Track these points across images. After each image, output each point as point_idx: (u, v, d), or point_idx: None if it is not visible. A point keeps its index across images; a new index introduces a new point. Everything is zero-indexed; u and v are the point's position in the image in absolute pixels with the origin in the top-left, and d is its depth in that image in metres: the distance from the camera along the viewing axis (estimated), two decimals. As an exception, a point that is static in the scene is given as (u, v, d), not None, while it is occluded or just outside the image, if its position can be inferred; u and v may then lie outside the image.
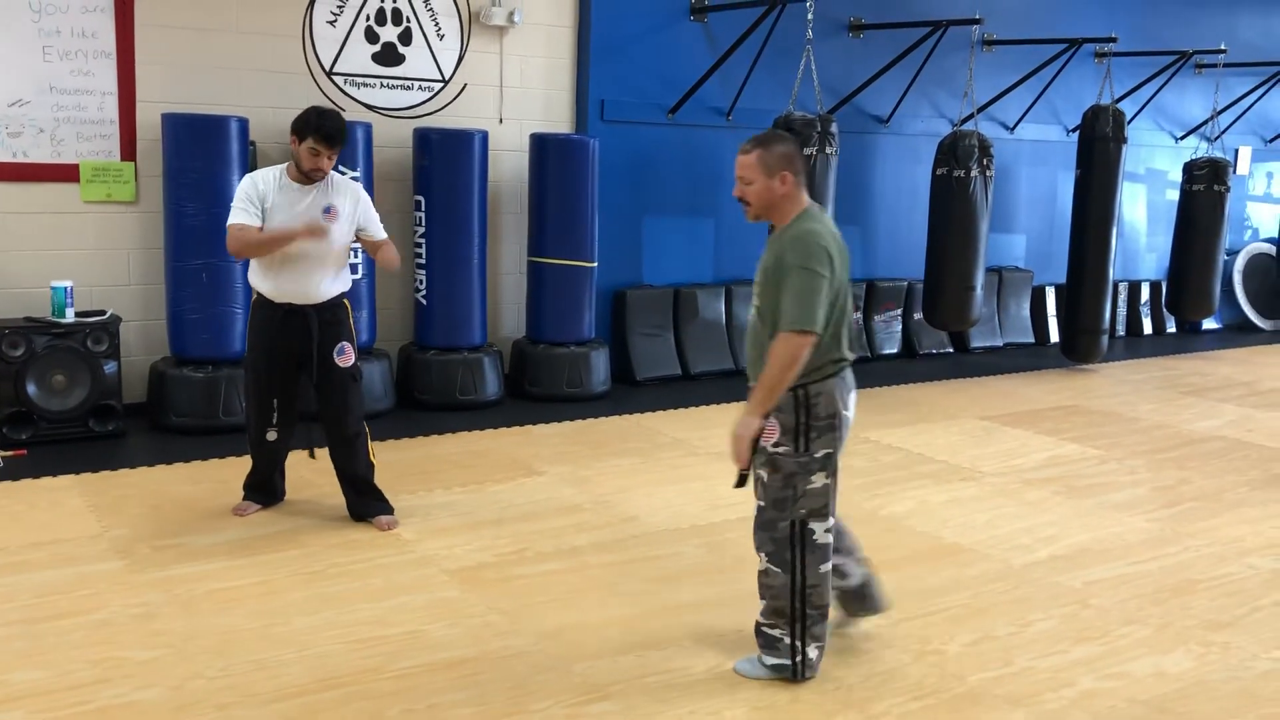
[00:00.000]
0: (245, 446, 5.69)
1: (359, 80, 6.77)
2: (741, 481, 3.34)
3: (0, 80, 5.78)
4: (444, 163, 6.62)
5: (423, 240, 6.73)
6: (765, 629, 3.43)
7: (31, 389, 5.63)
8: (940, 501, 5.31)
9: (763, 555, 3.40)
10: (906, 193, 9.05)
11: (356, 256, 6.23)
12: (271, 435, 4.67)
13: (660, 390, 7.55)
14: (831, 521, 3.39)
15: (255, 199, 4.40)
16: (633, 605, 3.97)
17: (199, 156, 5.96)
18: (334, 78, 6.69)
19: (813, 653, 3.41)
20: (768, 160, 3.28)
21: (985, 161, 7.76)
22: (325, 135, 4.31)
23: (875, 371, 8.47)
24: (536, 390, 7.04)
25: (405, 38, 6.90)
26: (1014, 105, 9.34)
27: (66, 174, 6.00)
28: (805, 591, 3.35)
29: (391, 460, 5.64)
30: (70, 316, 5.77)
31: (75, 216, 6.06)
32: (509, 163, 7.29)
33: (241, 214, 4.41)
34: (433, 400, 6.71)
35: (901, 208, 9.10)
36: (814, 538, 3.35)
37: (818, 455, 3.31)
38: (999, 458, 6.12)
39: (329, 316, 4.55)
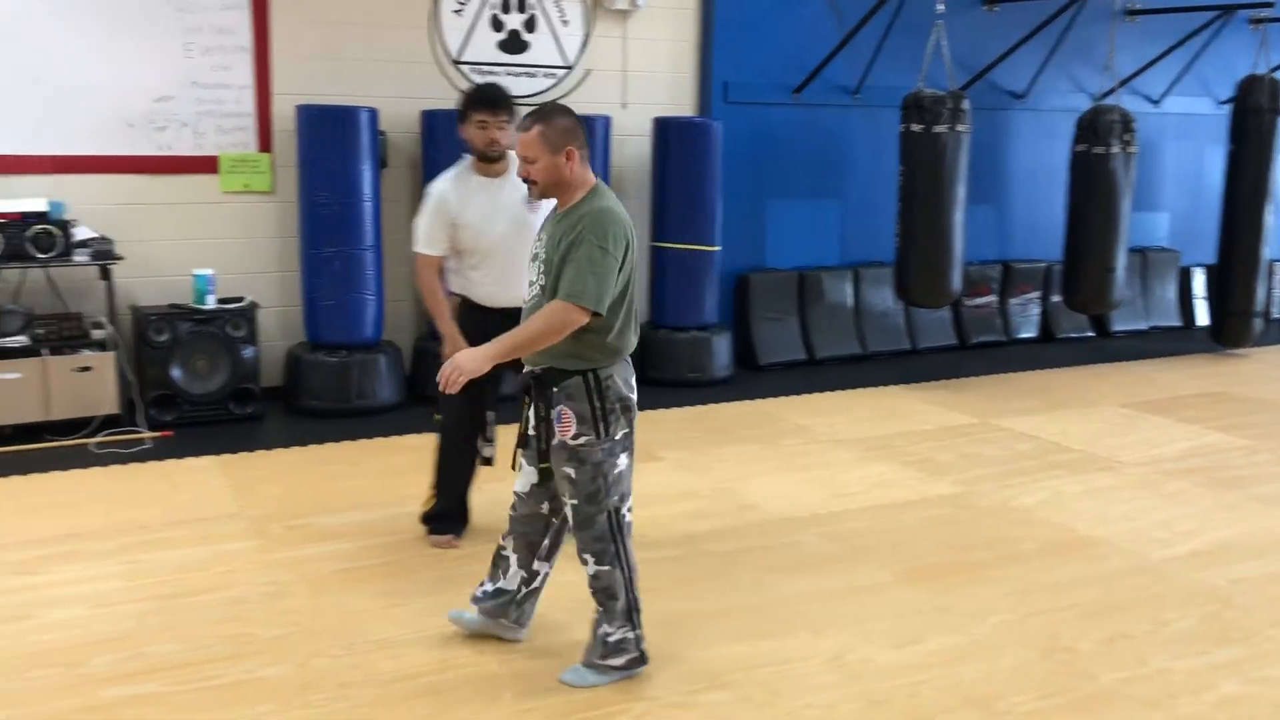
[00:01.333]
0: (376, 428, 5.91)
1: (485, 68, 6.85)
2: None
3: (147, 77, 6.03)
4: (567, 148, 6.64)
5: (546, 226, 6.78)
6: (611, 638, 3.25)
7: (176, 373, 5.88)
8: (1075, 492, 5.11)
9: (589, 559, 3.22)
10: (1043, 171, 8.71)
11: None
12: (489, 451, 4.34)
13: (784, 375, 7.46)
14: (631, 500, 3.29)
15: (442, 222, 4.11)
16: (748, 594, 3.93)
17: (331, 147, 6.13)
18: (460, 66, 6.79)
19: (644, 631, 3.31)
20: (550, 136, 3.07)
21: (1127, 137, 7.42)
22: (486, 101, 4.04)
23: (1011, 356, 8.21)
24: (658, 375, 7.02)
25: (530, 25, 6.95)
26: (1160, 77, 8.91)
27: (207, 166, 6.24)
28: (632, 579, 3.26)
29: (509, 445, 5.70)
30: (211, 303, 6.00)
31: (215, 206, 6.30)
32: (632, 147, 7.28)
33: (425, 242, 4.16)
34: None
35: (1038, 186, 8.77)
36: (625, 520, 3.26)
37: (618, 437, 3.21)
38: (1139, 447, 5.86)
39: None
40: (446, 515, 4.36)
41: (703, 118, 7.32)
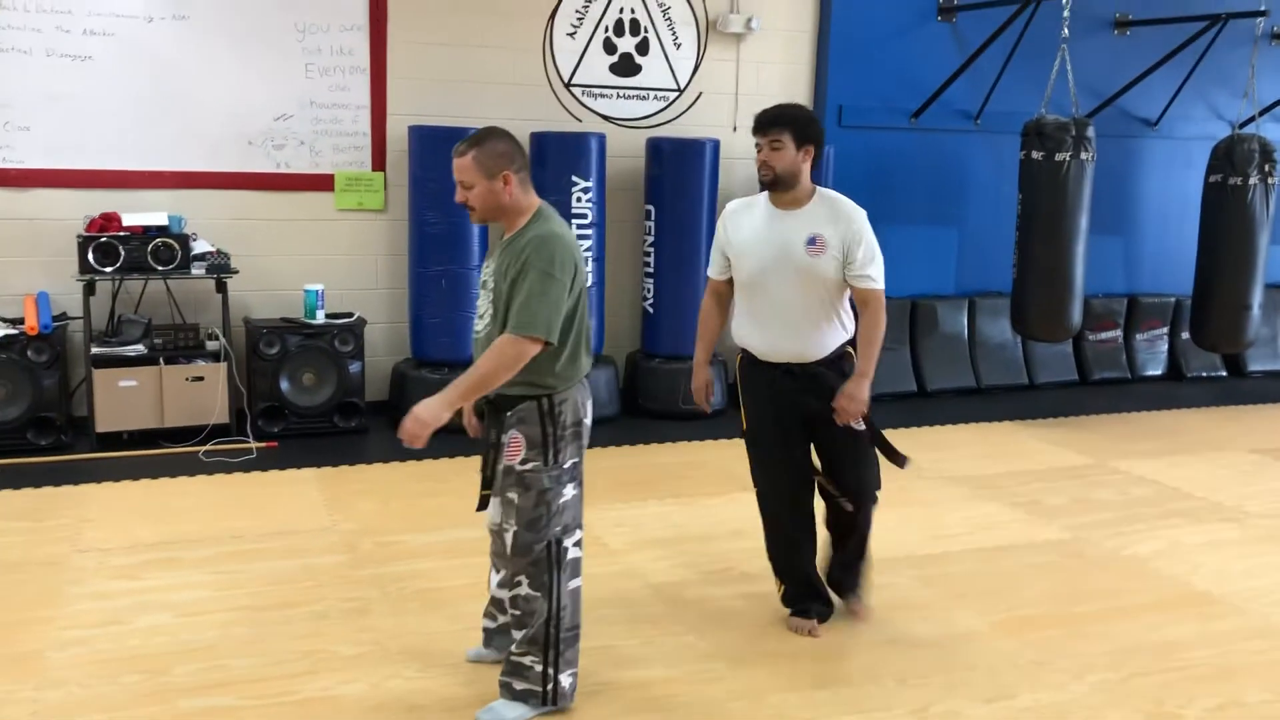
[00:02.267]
0: (474, 446, 5.89)
1: (596, 91, 6.87)
2: (484, 504, 3.17)
3: (268, 96, 6.21)
4: (674, 172, 6.62)
5: (651, 249, 6.75)
6: (515, 657, 3.16)
7: (284, 385, 6.01)
8: (1194, 544, 4.82)
9: (521, 580, 3.11)
10: (1176, 201, 8.33)
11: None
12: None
13: (893, 407, 7.26)
14: (580, 534, 3.16)
15: (720, 240, 3.73)
16: (835, 636, 3.79)
17: (441, 167, 6.15)
18: (572, 89, 6.82)
19: (565, 680, 3.16)
20: (484, 160, 2.99)
21: (1267, 168, 7.03)
22: (755, 122, 3.58)
23: (1135, 394, 7.85)
24: (762, 402, 6.92)
25: (643, 48, 6.94)
26: (1309, 104, 8.43)
27: (323, 184, 6.38)
28: (559, 615, 3.11)
29: (612, 467, 5.69)
30: (320, 318, 6.13)
31: (329, 224, 6.44)
32: (742, 171, 7.20)
33: (711, 263, 3.83)
34: (657, 408, 6.72)
35: (1170, 217, 8.39)
36: (567, 555, 3.12)
37: (566, 466, 3.08)
38: (1269, 497, 5.50)
39: (834, 373, 3.65)
40: (799, 596, 3.85)
41: (815, 142, 7.19)
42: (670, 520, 4.95)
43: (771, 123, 3.56)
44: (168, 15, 5.97)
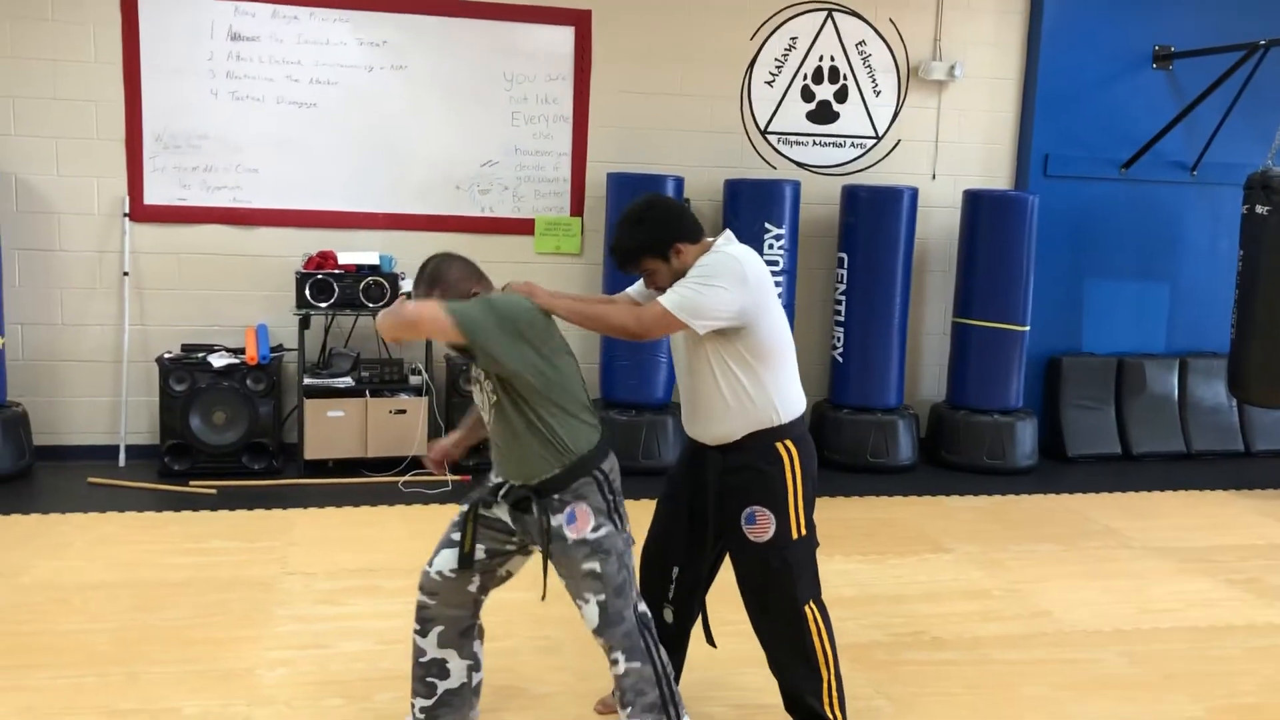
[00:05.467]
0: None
1: (792, 138, 6.86)
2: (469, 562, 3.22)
3: (476, 143, 6.46)
4: (870, 220, 6.53)
5: (843, 298, 6.67)
6: None
7: (479, 421, 6.19)
8: None
9: (619, 656, 2.98)
10: None
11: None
12: (667, 615, 3.36)
13: (1094, 469, 6.93)
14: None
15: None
16: (1035, 711, 3.62)
17: (637, 212, 6.29)
18: (768, 136, 6.83)
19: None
20: (449, 294, 3.00)
21: None
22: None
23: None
24: (954, 459, 6.72)
25: (841, 95, 6.90)
26: None
27: (523, 228, 6.58)
28: (666, 670, 3.02)
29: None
30: (516, 357, 6.28)
31: (528, 266, 6.61)
32: (939, 219, 7.06)
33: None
34: (842, 460, 6.60)
35: None
36: (648, 614, 3.09)
37: (628, 528, 3.06)
38: None
39: (735, 464, 3.16)
40: None
41: (1018, 191, 6.99)
42: (856, 579, 4.83)
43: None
44: (387, 65, 6.30)
